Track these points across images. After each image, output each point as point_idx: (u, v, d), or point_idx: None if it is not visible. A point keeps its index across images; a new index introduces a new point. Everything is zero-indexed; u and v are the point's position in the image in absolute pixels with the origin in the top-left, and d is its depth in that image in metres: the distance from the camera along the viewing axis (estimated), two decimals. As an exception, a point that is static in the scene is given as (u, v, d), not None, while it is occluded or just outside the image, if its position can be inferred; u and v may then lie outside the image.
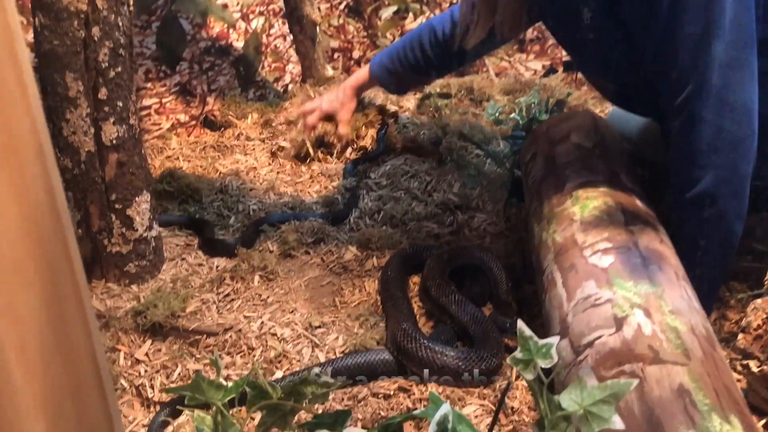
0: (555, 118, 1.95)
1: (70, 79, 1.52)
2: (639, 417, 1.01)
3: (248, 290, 1.74)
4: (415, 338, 1.42)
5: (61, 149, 1.58)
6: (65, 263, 0.45)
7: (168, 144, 2.68)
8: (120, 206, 1.66)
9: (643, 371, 1.08)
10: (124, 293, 1.73)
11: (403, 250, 1.80)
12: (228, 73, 2.88)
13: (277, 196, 2.24)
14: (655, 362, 1.09)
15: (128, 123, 1.62)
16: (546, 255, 1.47)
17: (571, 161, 1.68)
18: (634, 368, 1.09)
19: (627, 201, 1.51)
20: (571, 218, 1.48)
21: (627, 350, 1.12)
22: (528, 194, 1.79)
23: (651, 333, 1.14)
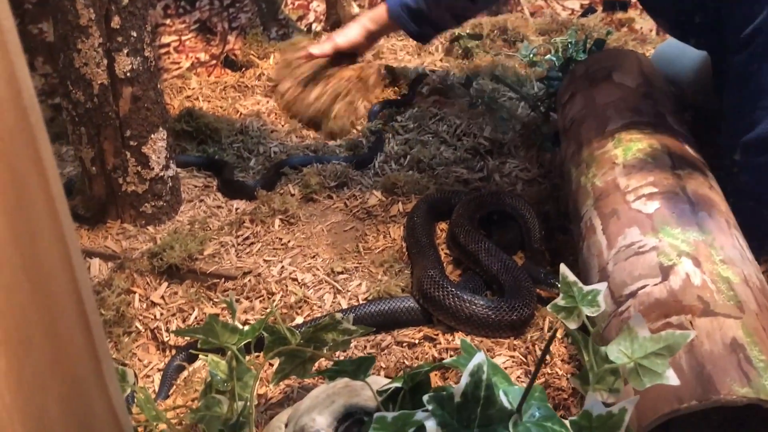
0: (595, 57, 1.83)
1: (81, 6, 1.43)
2: (688, 372, 0.92)
3: (268, 234, 1.67)
4: (442, 286, 1.34)
5: (72, 81, 1.51)
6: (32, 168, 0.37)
7: (187, 84, 2.59)
8: (135, 143, 1.59)
9: (692, 324, 0.99)
10: (140, 234, 1.67)
11: (430, 196, 1.71)
12: (250, 11, 2.76)
13: (299, 138, 2.15)
14: (705, 314, 1.00)
15: (143, 55, 1.54)
16: (585, 200, 1.38)
17: (613, 101, 1.57)
18: (682, 320, 1.00)
19: (674, 144, 1.40)
20: (612, 161, 1.38)
21: (674, 301, 1.04)
22: (565, 137, 1.69)
23: (700, 283, 1.05)
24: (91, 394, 0.42)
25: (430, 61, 2.61)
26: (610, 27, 2.61)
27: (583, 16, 2.83)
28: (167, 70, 2.58)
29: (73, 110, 1.54)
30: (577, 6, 2.93)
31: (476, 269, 1.48)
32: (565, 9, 2.91)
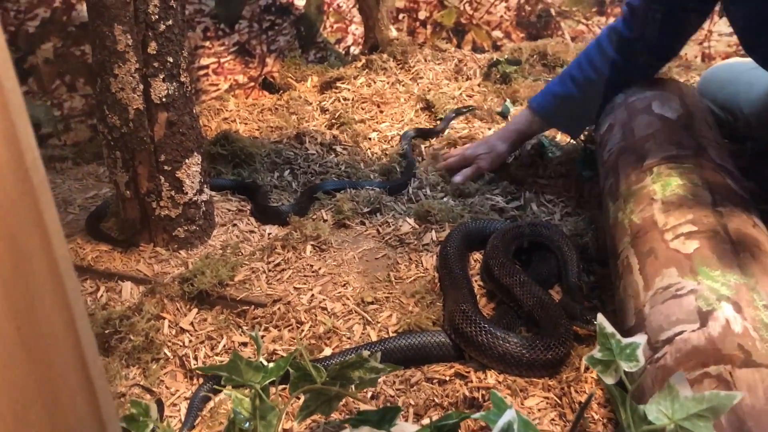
0: (635, 87, 1.78)
1: (119, 32, 1.45)
2: (727, 428, 0.88)
3: (299, 260, 1.66)
4: (474, 321, 1.31)
5: (108, 106, 1.52)
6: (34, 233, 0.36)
7: (225, 105, 2.61)
8: (169, 168, 1.60)
9: (732, 375, 0.94)
10: (172, 258, 1.67)
11: (464, 225, 1.68)
12: (288, 33, 2.78)
13: (334, 162, 2.15)
14: (746, 365, 0.96)
15: (179, 80, 1.55)
16: (622, 237, 1.34)
17: (653, 134, 1.53)
18: (722, 371, 0.96)
19: (715, 179, 1.35)
20: (650, 197, 1.34)
21: (713, 350, 0.99)
22: (603, 169, 1.65)
23: (742, 330, 1.00)
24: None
25: (468, 86, 2.59)
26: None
27: (624, 41, 2.77)
28: (205, 91, 2.60)
29: (108, 134, 1.55)
30: (619, 31, 2.87)
31: (510, 303, 1.44)
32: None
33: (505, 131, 1.98)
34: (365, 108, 2.51)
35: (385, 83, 2.64)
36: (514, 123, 1.97)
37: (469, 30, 3.00)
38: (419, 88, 2.60)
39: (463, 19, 2.99)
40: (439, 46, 2.82)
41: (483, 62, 2.72)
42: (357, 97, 2.56)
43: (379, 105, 2.53)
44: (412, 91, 2.59)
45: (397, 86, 2.63)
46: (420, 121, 2.41)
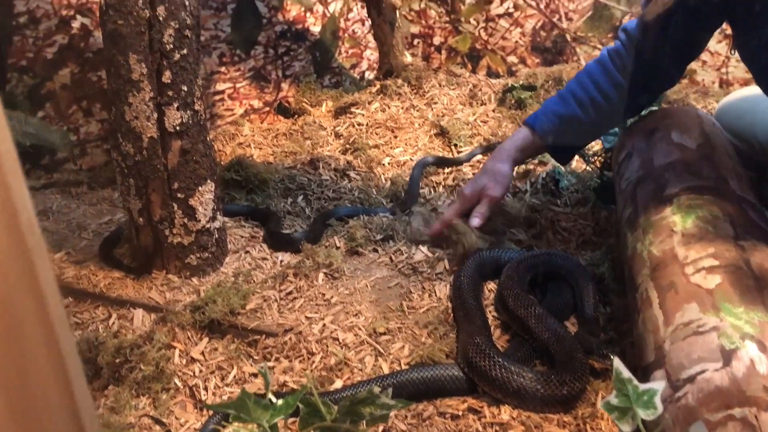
0: (653, 114, 1.76)
1: (134, 61, 1.45)
2: (752, 475, 0.85)
3: (311, 288, 1.64)
4: (488, 355, 1.28)
5: (123, 134, 1.52)
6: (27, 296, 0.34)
7: (240, 130, 2.62)
8: (182, 195, 1.59)
9: (758, 419, 0.91)
10: (184, 286, 1.66)
11: (478, 254, 1.66)
12: (303, 59, 2.79)
13: (347, 188, 2.14)
14: (772, 407, 0.92)
15: (193, 108, 1.54)
16: (640, 269, 1.31)
17: (672, 163, 1.50)
18: (746, 414, 0.92)
19: (736, 211, 1.32)
20: (670, 229, 1.31)
21: (737, 391, 0.96)
22: (621, 198, 1.62)
23: (767, 371, 0.97)
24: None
25: (482, 111, 2.58)
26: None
27: (641, 67, 2.75)
28: (221, 116, 2.61)
29: (122, 162, 1.55)
30: (636, 57, 2.86)
31: (525, 336, 1.42)
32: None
33: (500, 153, 1.78)
34: (379, 133, 2.51)
35: (400, 108, 2.63)
36: (512, 141, 1.80)
37: (483, 55, 2.99)
38: (433, 114, 2.59)
39: (477, 45, 2.98)
40: (454, 72, 2.81)
41: (498, 87, 2.71)
42: (371, 122, 2.55)
43: (393, 130, 2.52)
44: (427, 117, 2.58)
45: (412, 111, 2.63)
46: (434, 146, 2.40)
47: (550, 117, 1.75)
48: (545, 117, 1.76)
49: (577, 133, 1.75)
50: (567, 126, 1.73)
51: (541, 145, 1.79)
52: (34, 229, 0.33)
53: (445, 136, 2.42)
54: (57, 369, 0.34)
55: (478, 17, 2.94)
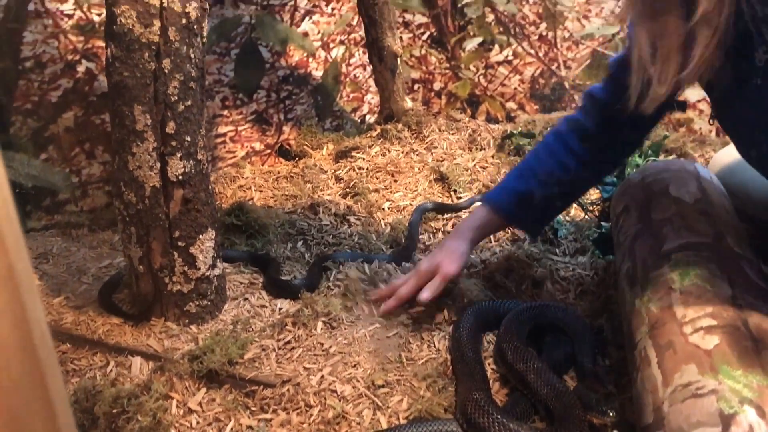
0: (651, 167, 1.78)
1: (138, 112, 1.47)
2: None
3: (310, 338, 1.64)
4: (487, 411, 1.28)
5: (125, 183, 1.53)
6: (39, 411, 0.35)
7: (241, 173, 2.64)
8: (183, 244, 1.60)
9: (758, 486, 0.91)
10: (182, 334, 1.66)
11: (477, 304, 1.66)
12: (305, 102, 2.83)
13: (347, 233, 2.15)
14: (771, 475, 0.92)
15: (196, 158, 1.56)
16: (639, 326, 1.31)
17: (670, 218, 1.51)
18: (746, 480, 0.92)
19: (734, 269, 1.33)
20: (669, 286, 1.32)
21: (737, 456, 0.96)
22: (619, 251, 1.63)
23: (766, 437, 0.97)
24: None
25: (481, 157, 2.60)
26: (667, 129, 2.57)
27: (639, 115, 2.79)
28: (222, 159, 2.63)
29: (124, 210, 1.56)
30: (633, 105, 2.89)
31: (524, 391, 1.41)
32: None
33: (459, 231, 1.74)
34: (379, 177, 2.52)
35: (400, 152, 2.66)
36: (470, 221, 1.75)
37: (483, 101, 3.03)
38: (433, 159, 2.62)
39: (477, 91, 3.02)
40: (454, 116, 2.84)
41: (497, 133, 2.74)
42: (372, 166, 2.57)
43: (393, 174, 2.54)
44: (426, 161, 2.61)
45: (412, 156, 2.65)
46: (434, 192, 2.41)
47: (507, 194, 1.71)
48: (502, 193, 1.72)
49: (540, 207, 1.70)
50: (527, 202, 1.68)
51: (501, 222, 1.76)
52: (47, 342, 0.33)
53: (445, 182, 2.44)
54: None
55: (477, 64, 2.98)
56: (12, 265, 0.30)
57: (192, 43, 1.50)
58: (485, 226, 1.74)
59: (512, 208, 1.70)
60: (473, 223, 1.74)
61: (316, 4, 2.75)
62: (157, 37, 1.45)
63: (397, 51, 2.54)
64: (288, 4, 2.68)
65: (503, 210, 1.71)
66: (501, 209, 1.71)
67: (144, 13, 1.43)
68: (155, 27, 1.44)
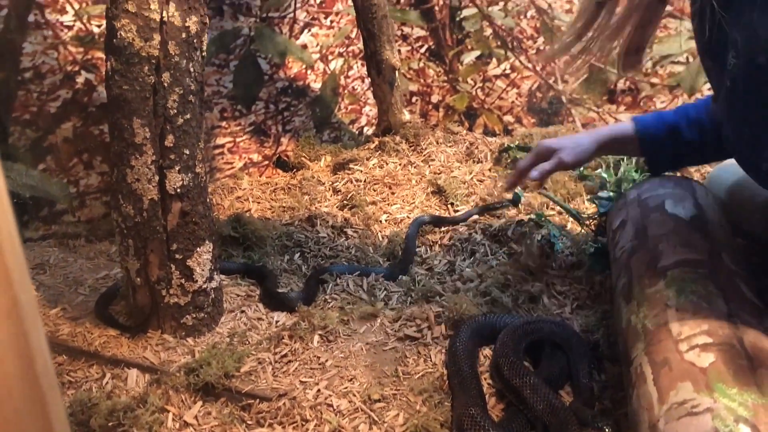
0: (648, 183, 1.79)
1: (138, 125, 1.48)
2: None
3: (306, 351, 1.64)
4: (483, 427, 1.28)
5: (123, 196, 1.54)
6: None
7: (239, 184, 2.64)
8: (180, 256, 1.60)
9: (753, 505, 0.91)
10: (179, 346, 1.66)
11: (473, 319, 1.66)
12: (304, 114, 2.83)
13: (344, 246, 2.15)
14: (766, 494, 0.93)
15: (194, 171, 1.56)
16: (635, 343, 1.32)
17: (666, 234, 1.52)
18: (741, 500, 0.93)
19: (729, 286, 1.34)
20: (665, 302, 1.32)
21: (732, 475, 0.96)
22: (615, 266, 1.64)
23: (761, 456, 0.98)
24: None
25: (479, 170, 2.61)
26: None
27: (635, 129, 2.80)
28: (220, 170, 2.64)
29: (122, 223, 1.57)
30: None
31: (520, 406, 1.41)
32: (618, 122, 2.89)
33: (595, 132, 1.79)
34: (377, 190, 2.53)
35: (397, 165, 2.66)
36: (611, 128, 1.80)
37: (480, 114, 3.04)
38: (430, 171, 2.62)
39: (474, 104, 3.04)
40: (451, 129, 2.85)
41: (494, 146, 2.75)
42: (369, 178, 2.58)
43: (390, 186, 2.54)
44: (424, 173, 2.61)
45: (409, 168, 2.66)
46: (431, 204, 2.42)
47: (658, 122, 1.72)
48: (654, 121, 1.73)
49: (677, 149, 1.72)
50: (673, 137, 1.70)
51: (636, 146, 1.75)
52: (49, 372, 0.34)
53: (442, 195, 2.44)
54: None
55: (475, 77, 3.00)
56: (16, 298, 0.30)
57: (192, 57, 1.51)
58: (620, 140, 1.75)
59: (657, 135, 1.70)
60: (612, 132, 1.76)
61: (315, 16, 2.76)
62: (157, 51, 1.45)
63: (396, 64, 2.56)
64: (287, 16, 2.69)
65: (648, 134, 1.71)
66: (645, 132, 1.71)
67: (144, 27, 1.44)
68: (155, 41, 1.45)
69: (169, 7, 1.44)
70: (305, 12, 2.73)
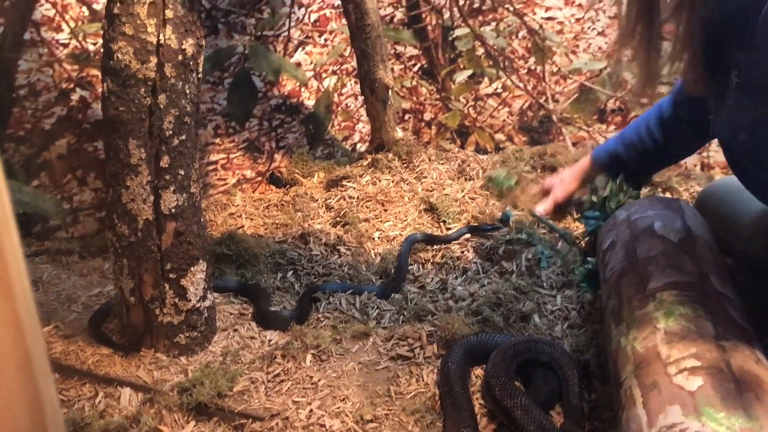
0: (637, 204, 1.82)
1: (133, 146, 1.49)
2: None
3: (299, 371, 1.65)
4: (474, 448, 1.29)
5: (118, 216, 1.55)
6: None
7: (232, 200, 2.65)
8: (174, 276, 1.61)
9: None
10: (172, 365, 1.67)
11: (465, 339, 1.68)
12: (297, 131, 2.85)
13: (337, 264, 2.16)
14: None
15: (189, 191, 1.58)
16: (624, 365, 1.33)
17: (655, 256, 1.54)
18: None
19: (717, 309, 1.36)
20: (654, 325, 1.34)
21: (719, 499, 0.98)
22: (605, 287, 1.66)
23: (748, 479, 0.99)
24: None
25: (470, 187, 2.63)
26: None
27: (625, 148, 2.84)
28: (213, 186, 2.65)
29: (116, 242, 1.58)
30: (619, 138, 2.95)
31: (511, 427, 1.43)
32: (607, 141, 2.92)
33: (574, 167, 2.30)
34: (370, 207, 2.54)
35: (390, 182, 2.68)
36: (580, 163, 2.28)
37: (472, 132, 3.07)
38: (423, 188, 2.64)
39: (466, 122, 3.06)
40: (444, 147, 2.87)
41: (486, 163, 2.77)
42: (362, 195, 2.59)
43: (383, 204, 2.56)
44: (416, 190, 2.63)
45: (402, 185, 2.67)
46: (423, 222, 2.43)
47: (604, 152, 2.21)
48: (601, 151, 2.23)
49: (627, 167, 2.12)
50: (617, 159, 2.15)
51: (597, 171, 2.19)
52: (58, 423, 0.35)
53: (434, 212, 2.46)
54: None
55: (467, 96, 3.02)
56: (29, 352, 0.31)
57: (188, 78, 1.52)
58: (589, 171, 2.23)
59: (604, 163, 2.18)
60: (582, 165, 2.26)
61: (309, 35, 2.78)
62: (154, 73, 1.47)
63: (389, 83, 2.58)
64: (282, 35, 2.72)
65: (599, 163, 2.20)
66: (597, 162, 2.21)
67: (141, 50, 1.45)
68: (152, 63, 1.46)
69: (165, 29, 1.46)
70: (299, 30, 2.76)
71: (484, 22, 2.88)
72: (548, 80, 2.89)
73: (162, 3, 1.45)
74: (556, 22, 2.82)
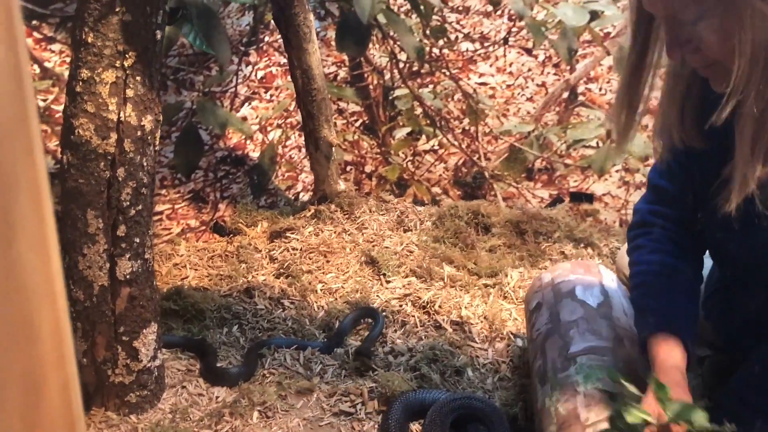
0: (561, 267, 1.97)
1: (91, 216, 1.56)
2: None
3: (246, 428, 1.73)
4: (412, 505, 1.40)
5: (74, 281, 1.61)
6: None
7: (176, 250, 2.71)
8: (127, 338, 1.68)
9: None
10: (122, 423, 1.72)
11: (404, 395, 1.79)
12: (242, 181, 2.94)
13: (281, 318, 2.25)
14: None
15: (143, 258, 1.65)
16: (548, 425, 1.47)
17: (576, 321, 1.69)
18: None
19: (631, 373, 1.51)
20: (574, 388, 1.49)
21: None
22: (532, 346, 1.80)
23: None
24: None
25: (408, 239, 2.76)
26: (576, 218, 2.81)
27: (551, 206, 3.03)
28: (158, 235, 2.70)
29: (71, 306, 1.63)
30: (546, 195, 3.15)
31: (445, 482, 1.55)
32: (535, 197, 3.12)
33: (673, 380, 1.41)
34: (312, 258, 2.64)
35: (332, 233, 2.79)
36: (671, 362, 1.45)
37: (410, 185, 3.23)
38: (364, 239, 2.76)
39: (405, 175, 3.22)
40: (383, 198, 3.01)
41: (423, 215, 2.91)
42: (305, 246, 2.69)
43: (325, 255, 2.66)
44: (358, 241, 2.74)
45: (344, 236, 2.78)
46: (364, 275, 2.54)
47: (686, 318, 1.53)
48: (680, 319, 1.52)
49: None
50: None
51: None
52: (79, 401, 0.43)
53: (375, 265, 2.57)
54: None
55: (406, 151, 3.18)
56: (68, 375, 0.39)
57: (145, 152, 1.61)
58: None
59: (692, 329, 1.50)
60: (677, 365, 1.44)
61: (255, 91, 2.89)
62: (114, 148, 1.55)
63: (333, 141, 2.71)
64: (229, 90, 2.81)
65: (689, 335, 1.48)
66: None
67: (102, 126, 1.53)
68: (112, 139, 1.54)
69: (126, 107, 1.55)
70: (246, 87, 2.86)
71: (422, 84, 3.06)
72: (481, 140, 3.07)
73: (123, 83, 1.54)
74: (488, 87, 3.02)
